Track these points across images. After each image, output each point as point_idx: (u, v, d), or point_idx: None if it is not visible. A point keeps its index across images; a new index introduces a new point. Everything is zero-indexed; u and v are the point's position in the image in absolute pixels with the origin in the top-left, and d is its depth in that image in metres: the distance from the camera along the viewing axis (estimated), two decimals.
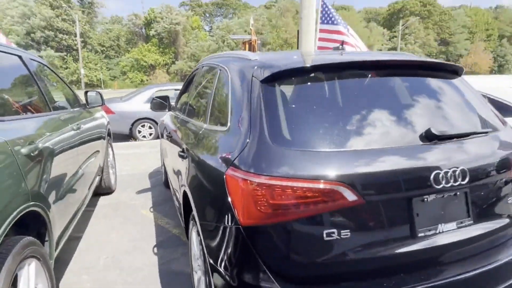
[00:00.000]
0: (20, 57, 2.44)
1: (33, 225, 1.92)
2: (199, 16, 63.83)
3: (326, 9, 6.14)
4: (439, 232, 1.44)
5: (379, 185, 1.35)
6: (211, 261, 1.53)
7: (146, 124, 8.54)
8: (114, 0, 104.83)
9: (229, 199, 1.40)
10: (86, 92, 3.60)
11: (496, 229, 1.57)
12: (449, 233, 1.46)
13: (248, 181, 1.33)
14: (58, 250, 2.28)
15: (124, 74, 44.90)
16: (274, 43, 48.92)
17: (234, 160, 1.43)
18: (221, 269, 1.45)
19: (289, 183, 1.30)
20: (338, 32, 5.96)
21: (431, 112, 1.69)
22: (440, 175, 1.39)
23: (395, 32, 54.59)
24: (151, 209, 3.94)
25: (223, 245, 1.45)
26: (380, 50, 54.52)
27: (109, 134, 4.60)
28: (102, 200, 4.29)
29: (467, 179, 1.45)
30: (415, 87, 1.83)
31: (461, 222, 1.49)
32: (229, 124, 1.68)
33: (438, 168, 1.40)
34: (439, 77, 1.90)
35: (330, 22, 6.01)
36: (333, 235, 1.31)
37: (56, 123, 2.50)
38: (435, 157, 1.44)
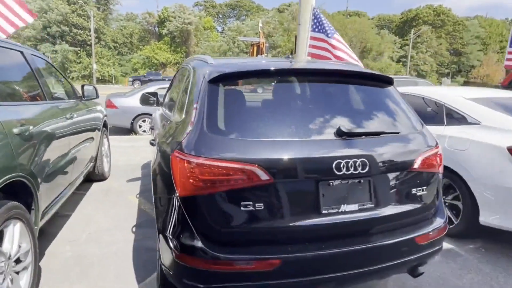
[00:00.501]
0: (21, 52, 2.83)
1: (22, 195, 2.28)
2: (212, 16, 64.62)
3: (318, 17, 6.44)
4: (342, 211, 1.76)
5: (288, 169, 1.67)
6: (158, 226, 1.87)
7: (147, 119, 8.94)
8: None
9: (172, 175, 1.74)
10: (82, 86, 3.99)
11: (396, 214, 1.87)
12: (350, 213, 1.77)
13: (185, 161, 1.67)
14: (44, 220, 2.65)
15: (136, 71, 45.70)
16: (284, 46, 49.23)
17: (178, 145, 1.77)
18: (164, 233, 1.79)
19: (216, 163, 1.63)
20: (325, 41, 6.25)
21: (349, 114, 2.01)
22: (341, 164, 1.71)
23: (407, 40, 54.41)
24: (137, 196, 4.30)
25: (165, 213, 1.79)
26: (391, 57, 54.49)
27: (105, 126, 4.98)
28: (95, 185, 4.67)
29: (366, 169, 1.76)
30: (341, 92, 2.15)
31: (363, 205, 1.80)
32: (183, 116, 2.03)
33: (340, 158, 1.71)
34: (371, 85, 2.22)
35: (320, 30, 6.31)
36: (249, 206, 1.63)
37: (49, 111, 2.88)
38: (340, 149, 1.75)
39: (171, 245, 1.72)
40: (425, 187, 1.97)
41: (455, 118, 3.41)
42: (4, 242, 1.97)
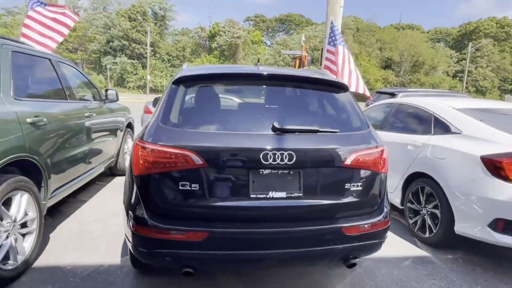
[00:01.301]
0: (49, 59, 3.46)
1: (33, 174, 2.80)
2: (261, 31, 66.37)
3: (334, 29, 6.61)
4: (270, 197, 1.99)
5: (220, 156, 1.95)
6: (124, 205, 2.23)
7: None
8: (187, 13, 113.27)
9: (133, 158, 2.10)
10: (106, 90, 4.61)
11: (323, 204, 2.05)
12: (278, 199, 2.00)
13: (140, 146, 2.03)
14: (55, 199, 3.17)
15: None
16: None
17: (142, 135, 2.14)
18: (126, 209, 2.15)
19: (162, 148, 1.96)
20: (334, 53, 6.39)
21: (292, 113, 2.24)
22: (269, 155, 1.95)
23: (464, 54, 51.18)
24: None
25: (127, 192, 2.16)
26: (446, 72, 51.53)
27: (130, 127, 5.59)
28: (116, 179, 5.26)
29: (295, 162, 1.98)
30: (289, 95, 2.39)
31: (291, 193, 2.01)
32: (156, 112, 2.40)
33: (268, 150, 1.95)
34: (324, 90, 2.44)
35: (332, 43, 6.47)
36: (186, 186, 1.94)
37: (67, 108, 3.45)
38: (270, 142, 1.99)
39: (129, 218, 2.07)
40: (359, 184, 2.12)
41: (441, 127, 3.42)
42: (11, 207, 2.48)
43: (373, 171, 2.18)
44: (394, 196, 3.90)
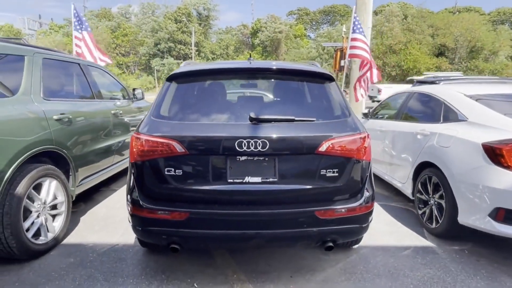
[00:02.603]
0: (78, 64, 3.91)
1: (62, 164, 3.24)
2: (305, 24, 65.48)
3: (357, 17, 6.49)
4: (246, 182, 2.15)
5: (200, 144, 2.15)
6: (126, 191, 2.52)
7: None
8: (232, 11, 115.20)
9: (130, 148, 2.39)
10: (133, 89, 5.04)
11: (298, 189, 2.16)
12: (254, 184, 2.15)
13: (135, 137, 2.30)
14: (83, 187, 3.61)
15: None
16: (377, 50, 46.88)
17: (138, 128, 2.41)
18: (126, 193, 2.44)
19: (151, 138, 2.21)
20: (363, 41, 6.28)
21: (271, 104, 2.37)
22: (243, 143, 2.11)
23: None
24: None
25: (127, 178, 2.45)
26: (511, 57, 46.73)
27: None
28: None
29: (268, 149, 2.11)
30: (272, 86, 2.50)
31: (266, 178, 2.15)
32: (151, 106, 2.67)
33: (242, 138, 2.11)
34: (307, 81, 2.53)
35: (357, 31, 6.36)
36: (171, 171, 2.17)
37: (93, 106, 3.88)
38: (245, 131, 2.14)
39: (128, 201, 2.36)
40: (334, 170, 2.20)
41: (449, 115, 3.30)
42: (41, 192, 2.91)
43: (351, 158, 2.24)
44: (406, 187, 3.83)
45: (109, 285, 2.47)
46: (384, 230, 3.44)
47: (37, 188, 2.88)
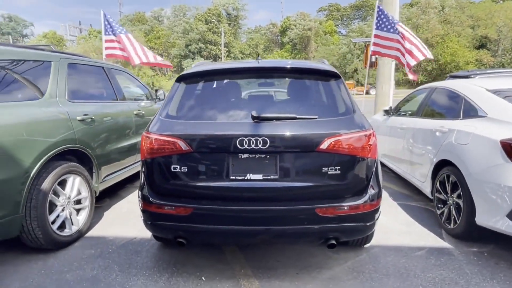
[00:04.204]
0: (102, 67, 4.15)
1: (86, 162, 3.46)
2: (336, 20, 64.27)
3: (382, 15, 6.29)
4: (247, 179, 2.20)
5: (203, 142, 2.22)
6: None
7: None
8: (263, 10, 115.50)
9: (141, 146, 2.51)
10: (156, 90, 5.25)
11: (299, 186, 2.17)
12: (255, 181, 2.19)
13: (145, 136, 2.42)
14: (106, 184, 3.82)
15: None
16: None
17: (148, 127, 2.54)
18: (138, 189, 2.58)
19: (158, 137, 2.31)
20: (392, 40, 6.06)
21: (273, 102, 2.40)
22: (244, 141, 2.16)
23: None
24: None
25: (140, 175, 2.58)
26: None
27: None
28: None
29: (269, 147, 2.15)
30: (278, 84, 2.53)
31: (268, 176, 2.19)
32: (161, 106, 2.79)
33: (243, 136, 2.15)
34: (313, 78, 2.54)
35: (385, 29, 6.16)
36: (176, 168, 2.27)
37: (115, 107, 4.09)
38: (247, 130, 2.19)
39: (139, 197, 2.49)
40: (337, 167, 2.19)
41: (469, 111, 3.15)
42: (66, 187, 3.13)
43: (354, 156, 2.22)
44: (425, 185, 3.70)
45: (124, 275, 2.62)
46: (400, 229, 3.35)
47: (62, 184, 3.10)
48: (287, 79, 2.57)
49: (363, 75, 41.68)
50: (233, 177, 2.22)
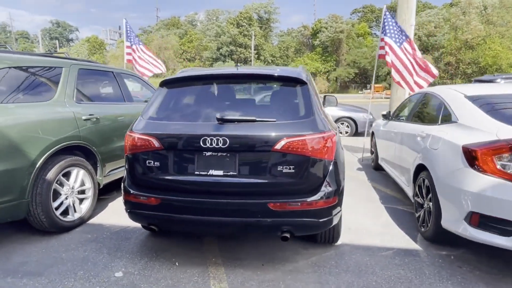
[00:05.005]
0: (112, 72, 4.58)
1: (91, 157, 3.88)
2: (370, 22, 62.81)
3: (385, 19, 6.29)
4: (210, 174, 2.45)
5: (173, 140, 2.50)
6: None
7: None
8: (297, 13, 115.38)
9: (124, 143, 2.84)
10: None
11: (255, 182, 2.38)
12: (216, 176, 2.44)
13: (127, 135, 2.75)
14: (109, 179, 4.22)
15: None
16: (449, 45, 43.10)
17: (130, 126, 2.86)
18: (122, 180, 2.91)
19: (137, 135, 2.63)
20: (396, 53, 6.05)
21: (239, 105, 2.63)
22: (207, 141, 2.41)
23: None
24: None
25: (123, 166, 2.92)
26: None
27: None
28: None
29: (229, 146, 2.39)
30: (245, 90, 2.75)
31: (227, 172, 2.43)
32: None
33: (206, 136, 2.41)
34: (279, 84, 2.75)
35: (393, 38, 6.16)
36: (151, 163, 2.57)
37: (122, 108, 4.49)
38: (210, 130, 2.44)
39: (122, 189, 2.81)
40: (291, 166, 2.38)
41: (446, 117, 3.20)
42: (70, 178, 3.55)
43: (309, 156, 2.39)
44: (408, 189, 3.76)
45: (109, 257, 2.96)
46: (377, 231, 3.44)
47: (67, 175, 3.52)
48: (257, 84, 2.80)
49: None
50: (198, 173, 2.48)
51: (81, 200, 3.72)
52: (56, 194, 3.39)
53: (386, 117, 5.13)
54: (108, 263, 2.86)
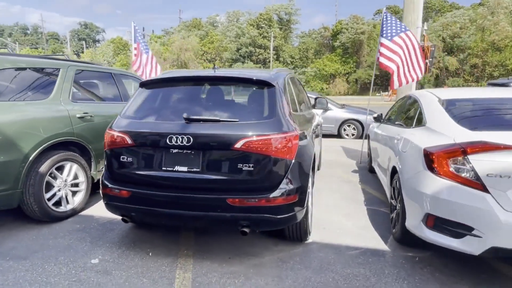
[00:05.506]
0: (111, 73, 4.85)
1: (86, 153, 4.14)
2: None
3: (389, 22, 6.25)
4: (175, 170, 2.61)
5: (143, 138, 2.68)
6: None
7: None
8: (319, 14, 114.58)
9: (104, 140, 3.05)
10: None
11: (216, 179, 2.53)
12: (181, 172, 2.60)
13: (107, 131, 2.96)
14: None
15: (308, 83, 49.38)
16: (476, 47, 41.57)
17: (110, 124, 3.07)
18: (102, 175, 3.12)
19: (113, 132, 2.84)
20: (391, 50, 6.01)
21: (207, 106, 2.78)
22: (173, 139, 2.57)
23: None
24: None
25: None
26: None
27: None
28: None
29: (194, 144, 2.54)
30: (215, 91, 2.90)
31: (191, 168, 2.58)
32: None
33: (172, 134, 2.58)
34: (248, 86, 2.88)
35: (389, 37, 6.12)
36: (124, 158, 2.76)
37: (118, 107, 4.74)
38: (177, 129, 2.60)
39: (100, 183, 3.02)
40: (250, 164, 2.51)
41: (419, 120, 3.22)
42: (63, 172, 3.81)
43: (268, 155, 2.51)
44: (387, 191, 3.79)
45: (91, 246, 3.18)
46: (352, 231, 3.50)
47: (61, 169, 3.78)
48: (227, 86, 2.94)
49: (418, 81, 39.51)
50: (165, 168, 2.65)
51: (74, 193, 3.98)
52: (50, 186, 3.66)
53: (377, 119, 5.15)
54: (88, 251, 3.08)
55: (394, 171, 3.42)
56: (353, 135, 10.25)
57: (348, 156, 7.70)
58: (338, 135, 10.47)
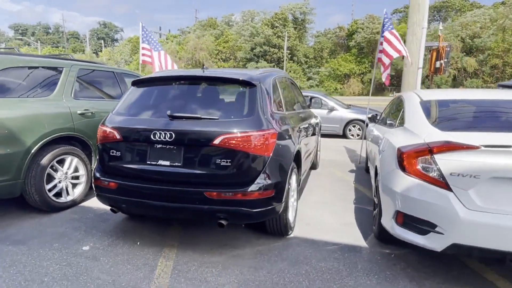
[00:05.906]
0: (113, 72, 5.08)
1: (86, 147, 4.37)
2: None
3: (385, 19, 6.27)
4: (158, 164, 2.78)
5: (130, 133, 2.86)
6: None
7: None
8: (336, 14, 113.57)
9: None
10: None
11: (196, 173, 2.68)
12: (164, 166, 2.76)
13: (99, 127, 3.15)
14: None
15: (322, 83, 49.11)
16: (496, 48, 40.40)
17: (103, 120, 3.26)
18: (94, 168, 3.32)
19: (104, 128, 3.03)
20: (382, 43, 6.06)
21: (191, 104, 2.93)
22: (156, 134, 2.74)
23: None
24: None
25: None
26: None
27: None
28: None
29: (175, 140, 2.70)
30: (202, 91, 3.05)
31: (173, 163, 2.74)
32: None
33: (156, 130, 2.74)
34: (233, 86, 3.03)
35: (381, 35, 6.16)
36: (113, 152, 2.95)
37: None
38: (160, 125, 2.76)
39: (92, 176, 3.22)
40: (228, 160, 2.65)
41: (401, 120, 3.29)
42: (64, 165, 4.05)
43: (245, 151, 2.65)
44: (373, 190, 3.86)
45: (84, 234, 3.39)
46: (335, 228, 3.59)
47: (62, 162, 4.02)
48: (212, 86, 3.09)
49: (434, 82, 38.70)
50: (149, 162, 2.82)
51: (74, 185, 4.22)
52: (51, 178, 3.90)
53: (371, 120, 5.20)
54: (81, 239, 3.29)
55: (377, 170, 3.49)
56: (358, 135, 10.24)
57: (349, 156, 7.73)
58: (343, 136, 10.48)
